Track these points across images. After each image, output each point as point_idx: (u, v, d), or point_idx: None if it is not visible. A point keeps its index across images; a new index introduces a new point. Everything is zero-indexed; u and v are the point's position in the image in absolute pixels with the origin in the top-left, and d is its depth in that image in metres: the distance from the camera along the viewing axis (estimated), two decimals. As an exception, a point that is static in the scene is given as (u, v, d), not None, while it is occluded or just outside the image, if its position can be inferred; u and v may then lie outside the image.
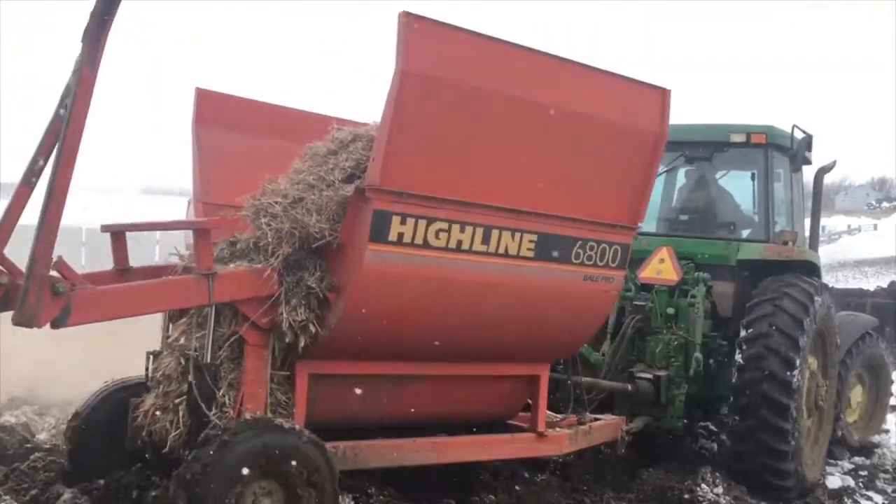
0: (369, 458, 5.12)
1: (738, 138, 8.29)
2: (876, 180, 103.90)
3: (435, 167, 4.68)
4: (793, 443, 7.16)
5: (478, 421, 5.87)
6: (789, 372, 7.12)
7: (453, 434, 5.64)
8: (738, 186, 8.71)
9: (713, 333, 7.95)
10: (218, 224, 4.99)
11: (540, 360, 5.89)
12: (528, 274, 5.18)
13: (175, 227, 6.17)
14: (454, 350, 5.23)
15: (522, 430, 5.98)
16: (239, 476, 4.27)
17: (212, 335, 4.73)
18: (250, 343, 4.75)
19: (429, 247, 4.71)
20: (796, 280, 7.62)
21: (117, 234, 5.42)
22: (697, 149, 8.57)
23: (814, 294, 7.50)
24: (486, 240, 4.92)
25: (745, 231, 8.59)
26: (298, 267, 4.77)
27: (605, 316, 6.65)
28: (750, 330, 7.33)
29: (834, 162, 9.07)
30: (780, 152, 8.38)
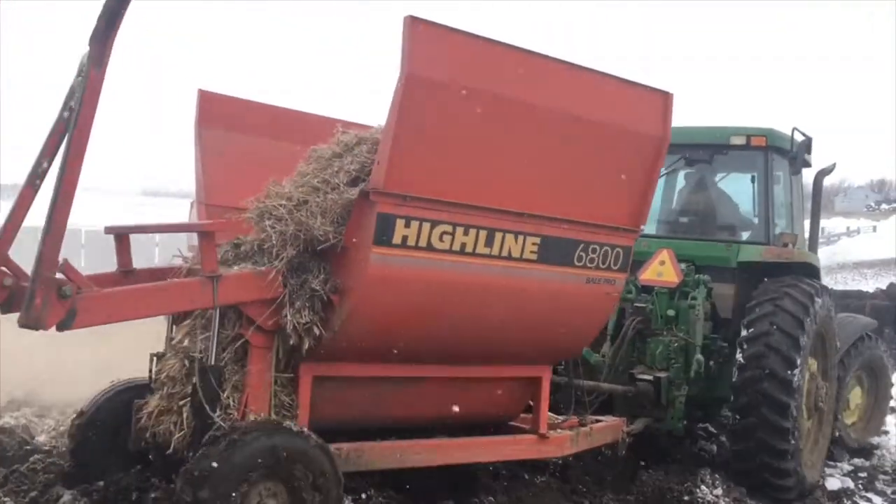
0: (372, 460, 5.12)
1: (739, 141, 8.32)
2: (875, 182, 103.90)
3: (439, 170, 4.70)
4: (793, 442, 7.14)
5: (480, 422, 5.89)
6: (790, 371, 7.12)
7: (455, 435, 5.66)
8: (738, 189, 8.73)
9: (713, 335, 7.97)
10: (223, 227, 4.99)
11: (542, 362, 5.91)
12: (531, 276, 5.20)
13: (180, 230, 6.16)
14: (457, 352, 5.25)
15: (524, 432, 5.99)
16: (246, 475, 4.29)
17: (216, 337, 4.74)
18: (254, 345, 4.77)
19: (432, 250, 4.72)
20: (797, 281, 7.64)
21: (121, 236, 5.42)
22: (697, 151, 8.60)
23: (814, 295, 7.52)
24: (490, 243, 4.94)
25: (745, 233, 8.62)
26: (303, 269, 4.79)
27: (607, 318, 6.67)
28: (751, 329, 7.33)
29: (833, 165, 9.09)
30: (780, 155, 8.41)
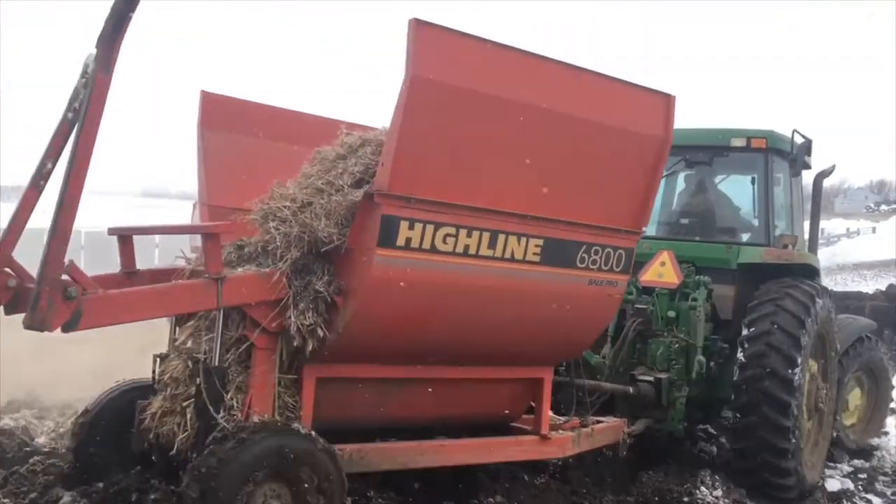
0: (375, 461, 5.14)
1: (739, 143, 8.35)
2: (875, 183, 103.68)
3: (443, 173, 4.71)
4: (793, 441, 7.14)
5: (482, 423, 5.90)
6: (791, 370, 7.12)
7: (456, 436, 5.67)
8: (739, 190, 8.77)
9: (714, 336, 7.99)
10: (227, 228, 5.00)
11: (544, 363, 5.93)
12: (534, 278, 5.21)
13: (184, 232, 6.16)
14: (460, 354, 5.27)
15: (526, 433, 6.00)
16: (252, 475, 4.31)
17: (220, 338, 4.75)
18: (258, 346, 4.78)
19: (436, 251, 4.74)
20: (798, 282, 7.66)
21: (124, 238, 5.44)
22: (698, 153, 8.62)
23: (815, 296, 7.54)
24: (493, 244, 4.95)
25: (746, 235, 8.64)
26: (307, 271, 4.80)
27: (610, 320, 6.70)
28: (752, 328, 7.34)
29: (833, 166, 9.12)
30: (780, 157, 8.43)
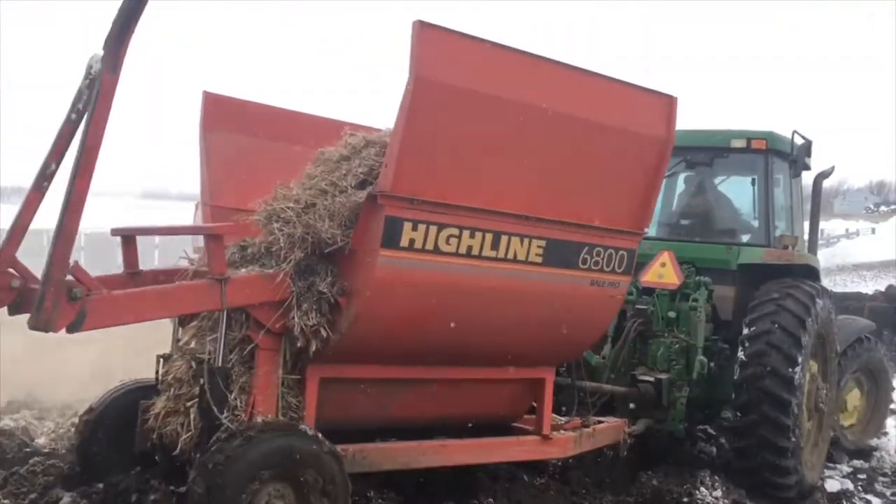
0: (377, 461, 5.15)
1: (739, 144, 8.38)
2: (874, 184, 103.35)
3: (446, 174, 4.73)
4: (794, 439, 7.15)
5: (483, 423, 5.92)
6: (791, 368, 7.14)
7: (458, 436, 5.68)
8: (739, 191, 8.79)
9: (714, 337, 8.00)
10: (231, 230, 5.01)
11: (545, 364, 5.94)
12: (537, 279, 5.22)
13: (188, 232, 6.17)
14: (462, 354, 5.28)
15: (527, 433, 6.02)
16: (258, 473, 4.32)
17: (223, 339, 4.76)
18: (262, 347, 4.79)
19: (439, 252, 4.75)
20: (798, 282, 7.69)
21: (127, 238, 5.44)
22: (698, 154, 8.65)
23: (816, 296, 7.56)
24: (496, 245, 4.96)
25: (746, 235, 8.66)
26: (310, 272, 4.81)
27: (611, 320, 6.73)
28: (753, 327, 7.36)
29: (832, 167, 9.14)
30: (780, 158, 8.46)
